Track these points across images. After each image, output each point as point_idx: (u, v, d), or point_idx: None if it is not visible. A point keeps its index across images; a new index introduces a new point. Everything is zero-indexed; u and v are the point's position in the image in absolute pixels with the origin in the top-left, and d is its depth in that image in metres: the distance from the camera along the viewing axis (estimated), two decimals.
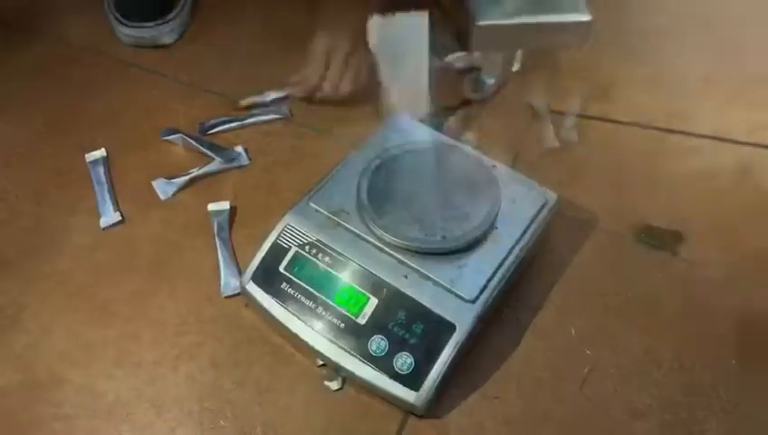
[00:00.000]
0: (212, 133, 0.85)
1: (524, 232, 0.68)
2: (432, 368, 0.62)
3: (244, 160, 0.83)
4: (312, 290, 0.66)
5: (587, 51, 0.68)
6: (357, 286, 0.65)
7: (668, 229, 0.79)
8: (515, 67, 0.87)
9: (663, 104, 0.90)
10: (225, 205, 0.77)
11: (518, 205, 0.70)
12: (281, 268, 0.67)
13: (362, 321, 0.64)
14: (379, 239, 0.66)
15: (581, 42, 0.64)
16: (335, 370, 0.65)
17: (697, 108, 0.90)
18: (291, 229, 0.68)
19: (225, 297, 0.71)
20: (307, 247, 0.67)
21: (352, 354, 0.63)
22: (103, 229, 0.76)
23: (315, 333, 0.65)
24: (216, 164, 0.82)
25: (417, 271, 0.65)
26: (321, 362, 0.66)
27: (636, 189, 0.82)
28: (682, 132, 0.88)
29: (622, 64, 0.96)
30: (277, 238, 0.68)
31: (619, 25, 1.00)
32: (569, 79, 0.94)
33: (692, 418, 0.65)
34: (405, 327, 0.63)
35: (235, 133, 0.86)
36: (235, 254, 0.74)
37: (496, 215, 0.67)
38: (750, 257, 0.76)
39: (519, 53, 0.85)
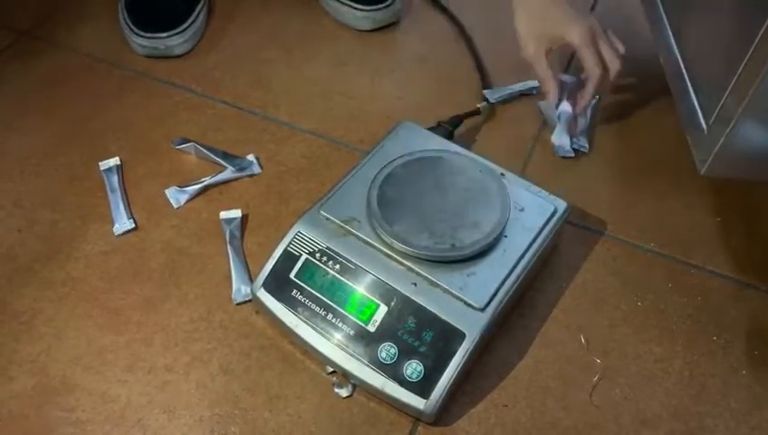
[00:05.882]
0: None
1: (534, 240, 0.69)
2: (441, 375, 0.62)
3: (256, 169, 0.84)
4: (322, 297, 0.66)
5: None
6: (367, 294, 0.65)
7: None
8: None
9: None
10: (237, 213, 0.78)
11: (527, 213, 0.70)
12: (291, 275, 0.67)
13: (372, 328, 0.64)
14: (389, 247, 0.66)
15: None
16: (345, 377, 0.65)
17: None
18: (301, 237, 0.68)
19: (237, 304, 0.71)
20: (317, 255, 0.67)
21: (362, 362, 0.64)
22: (116, 236, 0.77)
23: (325, 340, 0.65)
24: (228, 173, 0.82)
25: (427, 279, 0.65)
26: (330, 370, 0.66)
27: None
28: None
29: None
30: (288, 246, 0.68)
31: None
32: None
33: (702, 427, 0.65)
34: (414, 335, 0.63)
35: (246, 142, 0.87)
36: (246, 261, 0.75)
37: (506, 223, 0.68)
38: (762, 266, 0.76)
39: None
